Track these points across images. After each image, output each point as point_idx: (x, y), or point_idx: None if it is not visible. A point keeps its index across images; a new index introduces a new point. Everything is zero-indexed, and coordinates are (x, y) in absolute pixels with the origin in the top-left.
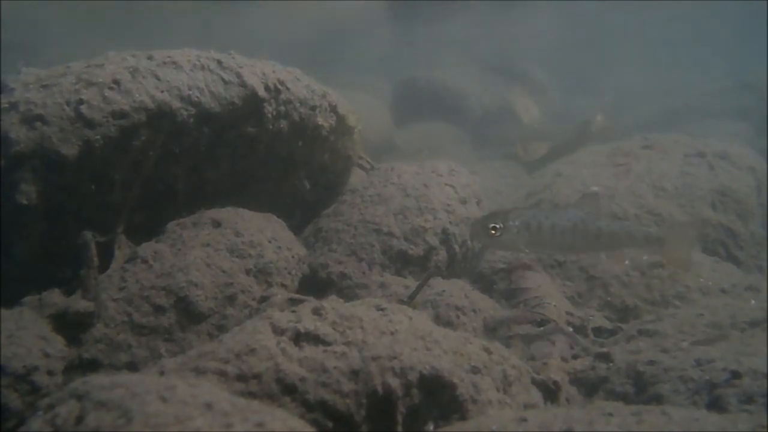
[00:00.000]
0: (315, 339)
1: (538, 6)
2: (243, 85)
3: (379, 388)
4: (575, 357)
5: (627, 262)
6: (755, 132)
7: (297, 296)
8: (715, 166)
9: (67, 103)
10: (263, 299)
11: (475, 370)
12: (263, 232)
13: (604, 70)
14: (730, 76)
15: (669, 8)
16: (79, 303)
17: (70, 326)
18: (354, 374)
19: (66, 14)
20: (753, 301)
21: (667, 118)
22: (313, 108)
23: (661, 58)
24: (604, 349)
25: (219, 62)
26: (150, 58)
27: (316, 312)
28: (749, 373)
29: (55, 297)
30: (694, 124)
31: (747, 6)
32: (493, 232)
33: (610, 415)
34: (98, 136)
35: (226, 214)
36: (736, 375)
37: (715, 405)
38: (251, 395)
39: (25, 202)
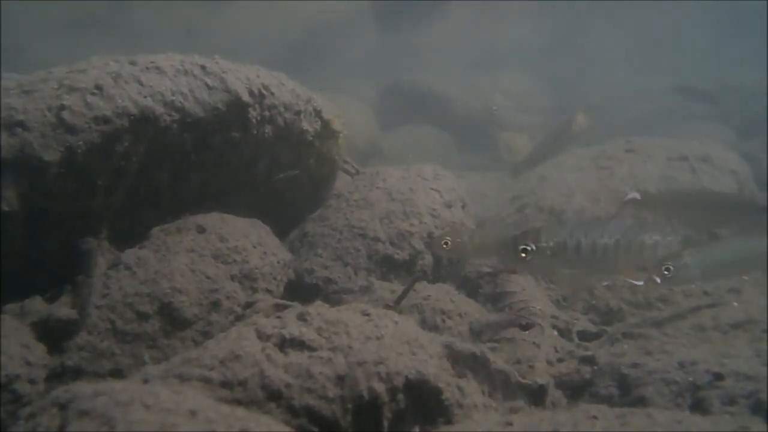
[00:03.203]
0: (300, 345)
1: (522, 7)
2: (227, 90)
3: (365, 393)
4: (560, 360)
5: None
6: (737, 135)
7: (282, 302)
8: (698, 169)
9: (49, 109)
10: (248, 305)
11: (460, 375)
12: (248, 238)
13: (588, 73)
14: (712, 79)
15: (651, 8)
16: (62, 310)
17: (53, 334)
18: (340, 379)
19: (48, 16)
20: (735, 303)
21: (650, 120)
22: (297, 113)
23: (644, 60)
24: (589, 352)
25: (203, 67)
26: (133, 63)
27: (302, 317)
28: (732, 375)
29: (37, 304)
30: (677, 127)
31: (729, 7)
32: (524, 255)
33: (595, 417)
34: (80, 142)
35: (211, 219)
36: (718, 377)
37: (698, 407)
38: (236, 402)
39: (6, 208)
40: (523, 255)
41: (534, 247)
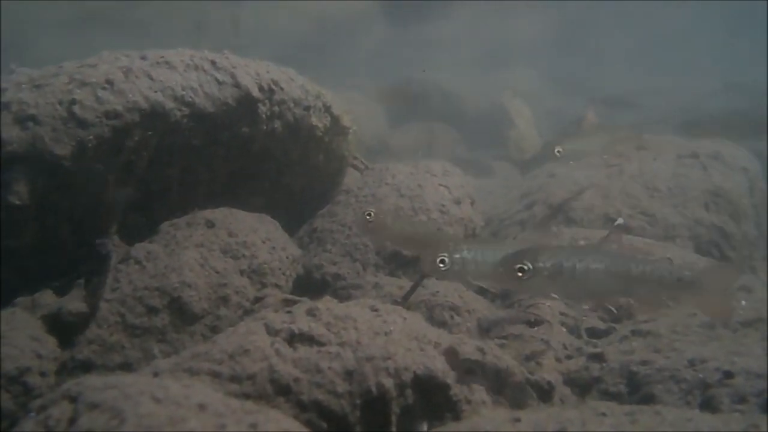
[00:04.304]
0: (309, 339)
1: (530, 5)
2: (237, 85)
3: (374, 389)
4: (569, 357)
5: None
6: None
7: (291, 297)
8: (708, 166)
9: (60, 103)
10: (257, 300)
11: (469, 371)
12: (257, 233)
13: (597, 71)
14: (722, 76)
15: (659, 7)
16: (73, 304)
17: (63, 327)
18: (348, 375)
19: (50, 14)
20: (743, 302)
21: (661, 119)
22: (307, 108)
23: (653, 58)
24: (598, 350)
25: (213, 62)
26: (143, 58)
27: (311, 312)
28: (742, 372)
29: (47, 298)
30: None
31: (737, 6)
32: (520, 274)
33: (604, 415)
34: (91, 137)
35: (220, 214)
36: (728, 375)
37: (708, 405)
38: (245, 396)
39: (17, 202)
40: (520, 275)
41: (531, 267)
